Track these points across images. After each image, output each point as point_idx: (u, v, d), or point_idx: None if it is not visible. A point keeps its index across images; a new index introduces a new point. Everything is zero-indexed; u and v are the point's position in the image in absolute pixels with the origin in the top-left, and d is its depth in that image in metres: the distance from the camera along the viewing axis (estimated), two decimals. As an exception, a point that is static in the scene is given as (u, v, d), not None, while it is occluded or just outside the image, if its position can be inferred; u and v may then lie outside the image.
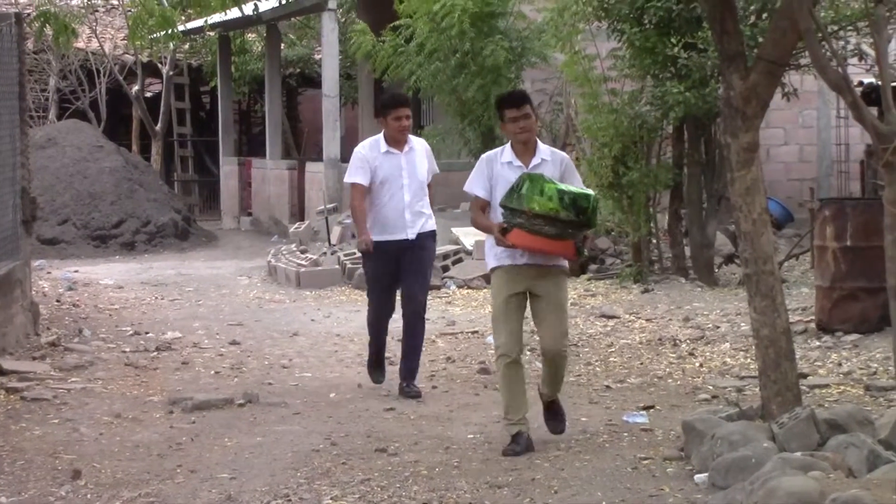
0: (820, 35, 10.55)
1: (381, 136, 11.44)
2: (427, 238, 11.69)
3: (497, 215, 10.84)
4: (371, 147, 11.79)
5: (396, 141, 11.63)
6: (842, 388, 12.60)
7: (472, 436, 10.77)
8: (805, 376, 12.06)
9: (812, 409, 10.26)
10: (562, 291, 11.14)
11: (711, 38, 12.21)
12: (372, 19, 24.84)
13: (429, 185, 12.53)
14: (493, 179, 10.91)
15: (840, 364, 13.79)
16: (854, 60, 19.47)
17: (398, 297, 13.10)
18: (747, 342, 12.01)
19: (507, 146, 11.11)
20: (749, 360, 12.19)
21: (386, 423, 11.39)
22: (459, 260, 22.11)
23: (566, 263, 11.42)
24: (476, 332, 16.25)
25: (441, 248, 21.38)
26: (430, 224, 11.82)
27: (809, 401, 10.89)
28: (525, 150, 10.96)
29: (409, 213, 11.59)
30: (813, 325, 15.77)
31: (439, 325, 16.29)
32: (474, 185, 11.09)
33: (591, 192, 11.02)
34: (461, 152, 24.91)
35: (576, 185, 10.93)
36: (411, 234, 11.32)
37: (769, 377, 10.44)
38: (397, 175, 11.64)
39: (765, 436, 9.66)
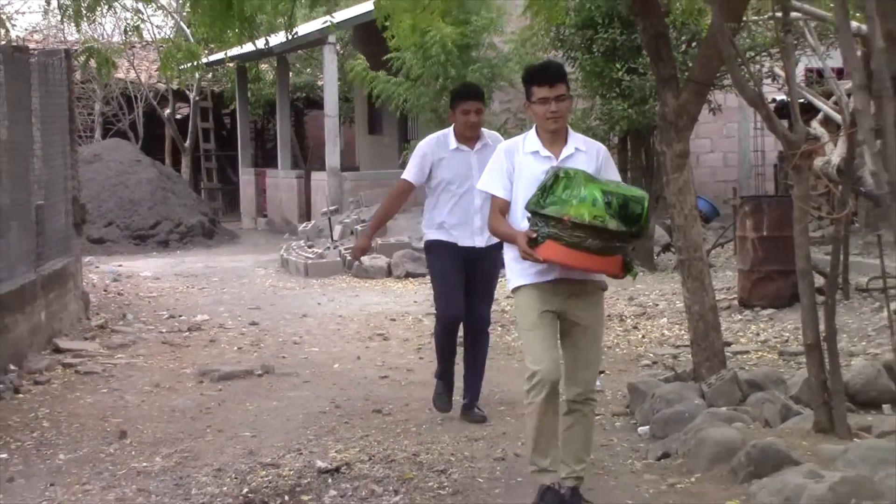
0: (739, 60, 10.62)
1: (450, 130, 8.98)
2: (495, 250, 8.64)
3: (519, 219, 7.38)
4: (436, 142, 9.00)
5: (466, 137, 8.95)
6: (759, 353, 12.65)
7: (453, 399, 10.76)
8: (729, 344, 12.09)
9: (735, 371, 10.35)
10: (600, 318, 7.87)
11: (649, 63, 12.16)
12: (367, 51, 24.82)
13: None
14: (513, 174, 7.55)
15: (758, 334, 13.84)
16: (768, 81, 19.62)
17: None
18: (681, 317, 12.01)
19: (531, 133, 7.68)
20: (683, 331, 12.18)
21: (381, 388, 11.41)
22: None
23: (605, 278, 7.85)
24: None
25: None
26: None
27: (733, 365, 10.95)
28: (555, 138, 7.54)
29: (479, 219, 8.71)
30: (736, 302, 15.82)
31: (424, 307, 16.26)
32: (491, 181, 7.67)
33: (642, 191, 7.58)
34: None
35: (617, 182, 7.66)
36: (480, 243, 8.75)
37: (699, 346, 10.52)
38: (466, 175, 8.83)
39: (696, 394, 9.75)
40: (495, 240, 8.79)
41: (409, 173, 9.12)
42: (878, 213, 14.74)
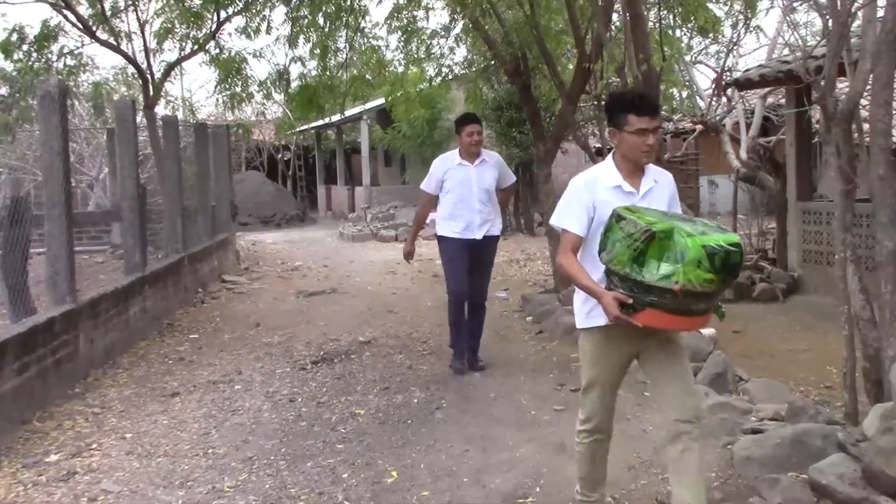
0: (577, 127, 10.71)
1: (456, 150, 7.60)
2: (492, 240, 7.46)
3: (590, 261, 3.86)
4: (445, 160, 7.63)
5: (469, 154, 7.45)
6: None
7: (430, 303, 10.81)
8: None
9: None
10: (680, 342, 4.03)
11: (530, 128, 12.17)
12: (382, 122, 24.79)
13: (504, 190, 7.77)
14: (593, 210, 3.89)
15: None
16: (592, 137, 19.68)
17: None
18: (549, 260, 11.71)
19: (608, 164, 4.01)
20: (548, 267, 12.25)
21: (392, 299, 11.46)
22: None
23: None
24: (430, 259, 14.39)
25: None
26: (495, 228, 7.49)
27: (575, 284, 11.04)
28: (635, 169, 3.98)
29: (478, 218, 7.34)
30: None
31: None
32: (566, 216, 3.94)
33: (735, 235, 3.70)
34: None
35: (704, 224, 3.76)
36: (479, 236, 7.33)
37: (558, 274, 10.58)
38: (468, 184, 7.39)
39: (555, 299, 9.81)
40: (491, 234, 7.43)
41: (428, 186, 7.53)
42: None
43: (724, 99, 15.30)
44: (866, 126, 6.09)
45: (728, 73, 14.60)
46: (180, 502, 4.69)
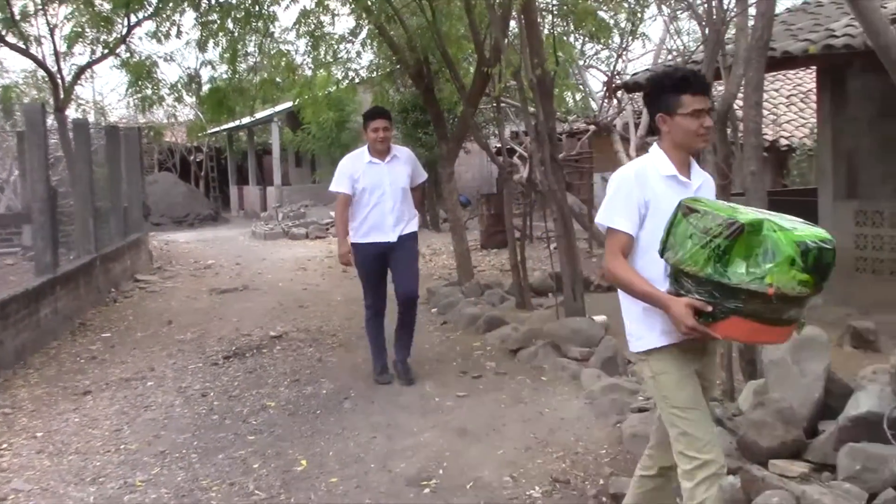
0: (477, 128, 10.79)
1: (365, 147, 6.65)
2: (408, 239, 6.53)
3: (649, 263, 3.03)
4: (354, 158, 6.65)
5: (378, 151, 6.53)
6: (491, 271, 12.84)
7: (339, 298, 10.75)
8: (475, 267, 12.26)
9: (477, 280, 10.52)
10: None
11: (434, 129, 12.18)
12: (292, 124, 24.52)
13: (416, 189, 6.83)
14: (647, 206, 3.04)
15: (490, 261, 14.10)
16: (493, 137, 19.83)
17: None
18: (452, 254, 11.75)
19: (657, 153, 3.14)
20: (452, 262, 12.23)
21: (303, 294, 11.32)
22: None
23: None
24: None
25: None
26: (412, 226, 6.59)
27: (477, 277, 11.09)
28: (686, 160, 3.15)
29: (391, 218, 6.46)
30: (479, 245, 16.08)
31: (325, 253, 16.21)
32: (614, 213, 3.07)
33: (826, 233, 2.76)
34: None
35: (790, 218, 2.88)
36: (393, 237, 6.45)
37: (461, 268, 10.66)
38: (379, 183, 6.48)
39: (459, 292, 9.89)
40: (406, 232, 6.53)
41: (340, 186, 6.52)
42: (544, 200, 15.07)
43: (614, 101, 15.63)
44: (740, 125, 6.31)
45: (618, 77, 14.90)
46: (92, 498, 4.56)
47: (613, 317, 8.38)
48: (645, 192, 3.04)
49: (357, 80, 13.12)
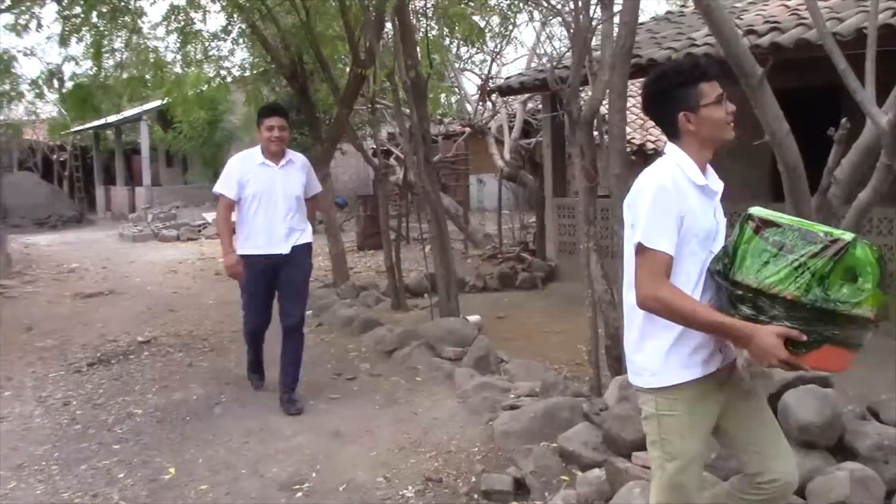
0: (353, 129, 10.76)
1: (258, 147, 5.89)
2: (302, 251, 5.83)
3: (690, 284, 2.58)
4: (245, 158, 5.92)
5: (271, 153, 5.81)
6: (367, 273, 12.84)
7: (212, 301, 10.53)
8: (352, 268, 12.22)
9: (353, 281, 10.50)
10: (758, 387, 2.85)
11: (308, 129, 12.01)
12: (163, 122, 23.82)
13: (311, 200, 6.21)
14: (681, 221, 2.54)
15: (367, 263, 14.07)
16: (370, 139, 19.80)
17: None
18: (328, 256, 11.55)
19: (682, 157, 2.64)
20: (328, 263, 12.09)
21: (173, 298, 11.02)
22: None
23: None
24: (213, 258, 14.43)
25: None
26: (306, 237, 5.89)
27: (354, 279, 11.07)
28: (707, 162, 2.72)
29: (283, 228, 5.77)
30: (356, 247, 16.03)
31: (196, 256, 15.81)
32: (658, 232, 2.51)
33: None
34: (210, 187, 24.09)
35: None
36: (286, 249, 5.74)
37: (336, 270, 10.61)
38: (271, 189, 5.77)
39: (334, 293, 9.83)
40: (300, 243, 5.89)
41: (225, 188, 5.83)
42: (420, 202, 15.20)
43: (489, 104, 15.88)
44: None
45: (492, 81, 15.15)
46: (-60, 516, 4.32)
47: (487, 316, 8.55)
48: (681, 206, 2.57)
49: (229, 79, 12.87)
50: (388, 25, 9.65)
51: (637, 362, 2.72)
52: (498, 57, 15.72)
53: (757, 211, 2.59)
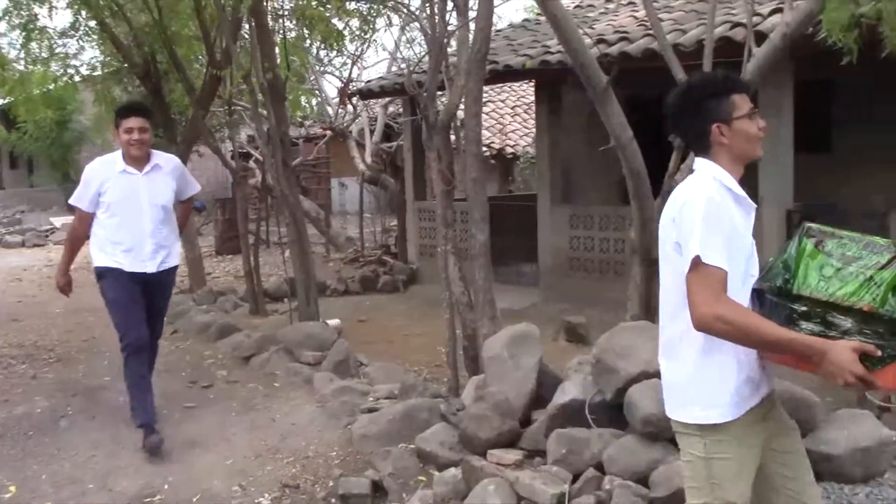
0: (209, 131, 10.50)
1: (120, 152, 5.20)
2: (167, 276, 5.23)
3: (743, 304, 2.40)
4: (104, 165, 5.21)
5: (133, 158, 5.14)
6: (225, 278, 12.54)
7: (59, 310, 9.97)
8: (210, 273, 11.92)
9: (210, 287, 10.22)
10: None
11: (163, 131, 11.55)
12: (6, 122, 22.56)
13: (186, 202, 5.71)
14: (731, 237, 2.38)
15: (225, 267, 13.77)
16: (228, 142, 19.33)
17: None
18: (185, 260, 11.16)
19: (720, 172, 2.47)
20: (184, 268, 11.73)
21: (18, 307, 10.35)
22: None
23: None
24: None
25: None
26: (173, 258, 5.27)
27: (211, 284, 10.79)
28: (740, 176, 2.53)
29: (150, 244, 5.13)
30: (214, 252, 15.64)
31: (43, 262, 15.02)
32: (714, 247, 2.32)
33: None
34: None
35: None
36: (151, 268, 5.11)
37: (193, 274, 10.32)
38: (134, 199, 5.12)
39: (190, 299, 9.55)
40: (167, 266, 5.30)
41: (81, 199, 5.19)
42: (279, 205, 14.98)
43: (349, 107, 15.84)
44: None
45: (353, 84, 15.12)
46: None
47: (348, 320, 8.52)
48: (730, 220, 2.42)
49: (78, 78, 12.33)
50: (246, 26, 9.52)
51: (682, 394, 2.49)
52: (359, 60, 15.70)
53: (815, 224, 2.46)
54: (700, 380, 2.43)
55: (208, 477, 4.62)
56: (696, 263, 2.32)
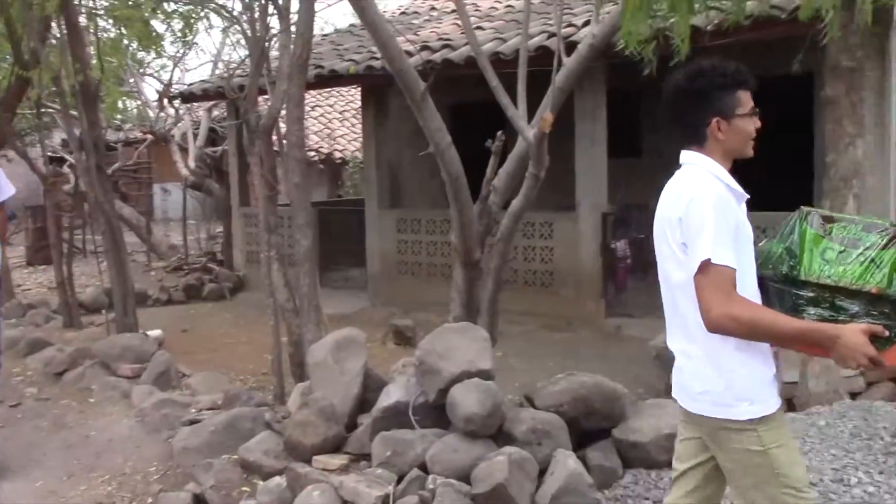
0: (16, 135, 9.89)
1: None
2: None
3: (754, 297, 2.42)
4: None
5: None
6: (38, 289, 11.81)
7: None
8: (19, 286, 11.20)
9: (20, 300, 9.64)
10: None
11: None
12: None
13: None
14: (737, 230, 2.38)
15: (38, 279, 13.00)
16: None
17: None
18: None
19: (715, 166, 2.44)
20: None
21: None
22: None
23: None
24: None
25: None
26: None
27: (22, 296, 10.14)
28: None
29: None
30: (25, 262, 14.75)
31: None
32: (725, 246, 2.31)
33: None
34: None
35: None
36: None
37: (1, 286, 9.69)
38: None
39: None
40: None
41: None
42: (94, 212, 14.43)
43: (171, 110, 15.35)
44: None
45: (174, 87, 14.66)
46: None
47: (170, 330, 8.25)
48: (735, 214, 2.41)
49: None
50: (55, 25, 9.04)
51: (725, 393, 2.44)
52: (180, 62, 15.23)
53: (813, 209, 2.47)
54: (744, 376, 2.41)
55: (15, 503, 4.35)
56: (706, 265, 2.31)
